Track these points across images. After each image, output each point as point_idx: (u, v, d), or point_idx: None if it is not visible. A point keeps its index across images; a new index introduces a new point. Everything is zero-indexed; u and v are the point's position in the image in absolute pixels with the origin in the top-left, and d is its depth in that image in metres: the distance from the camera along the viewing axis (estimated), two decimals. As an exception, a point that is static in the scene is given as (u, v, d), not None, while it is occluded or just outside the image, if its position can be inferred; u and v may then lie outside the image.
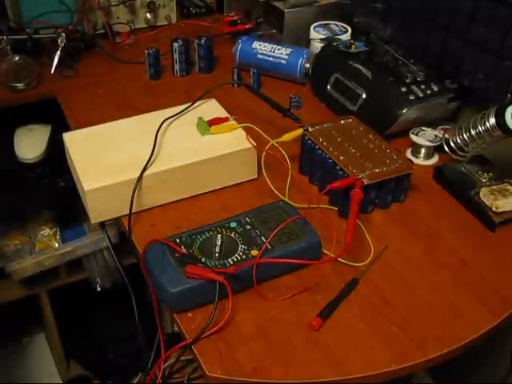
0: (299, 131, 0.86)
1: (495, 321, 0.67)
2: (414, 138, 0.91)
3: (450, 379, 1.19)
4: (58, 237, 1.30)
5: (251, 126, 0.85)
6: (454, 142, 0.88)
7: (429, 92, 0.94)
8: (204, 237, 0.71)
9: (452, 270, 0.74)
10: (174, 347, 0.65)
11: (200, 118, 0.87)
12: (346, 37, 1.13)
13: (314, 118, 0.92)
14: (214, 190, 0.85)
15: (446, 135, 0.90)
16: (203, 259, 0.68)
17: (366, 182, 0.78)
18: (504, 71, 0.88)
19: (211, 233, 0.71)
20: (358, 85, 0.98)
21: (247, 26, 1.24)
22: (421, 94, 0.94)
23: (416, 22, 1.04)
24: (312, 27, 1.15)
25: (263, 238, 0.71)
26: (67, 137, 0.87)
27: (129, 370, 1.46)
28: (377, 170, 0.80)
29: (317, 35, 1.13)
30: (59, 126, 1.03)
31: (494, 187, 0.83)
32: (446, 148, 0.89)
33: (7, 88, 1.09)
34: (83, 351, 1.50)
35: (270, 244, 0.70)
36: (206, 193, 0.85)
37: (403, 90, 0.94)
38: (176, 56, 1.14)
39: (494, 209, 0.80)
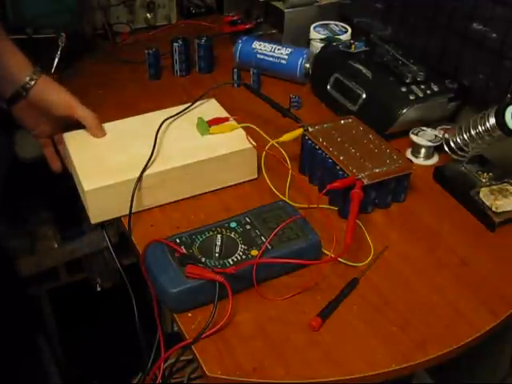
0: (299, 131, 0.86)
1: (495, 321, 0.67)
2: (413, 138, 0.91)
3: (450, 379, 1.19)
4: (57, 237, 1.30)
5: (251, 126, 0.85)
6: (454, 142, 0.88)
7: (429, 92, 0.94)
8: (204, 237, 0.71)
9: (452, 269, 0.74)
10: (173, 347, 0.65)
11: (200, 118, 0.87)
12: (346, 37, 1.12)
13: (314, 118, 0.93)
14: (214, 190, 0.85)
15: (446, 135, 0.90)
16: (203, 259, 0.68)
17: (365, 182, 0.78)
18: (504, 71, 0.88)
19: (211, 233, 0.71)
20: (358, 85, 0.98)
21: (247, 26, 1.24)
22: (421, 94, 0.94)
23: (416, 21, 1.04)
24: (312, 27, 1.15)
25: (263, 238, 0.71)
26: (67, 137, 0.87)
27: (129, 369, 1.45)
28: (377, 170, 0.80)
29: (317, 35, 1.12)
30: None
31: (494, 187, 0.83)
32: (446, 148, 0.89)
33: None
34: (83, 351, 1.50)
35: (269, 244, 0.70)
36: (206, 193, 0.85)
37: (403, 89, 0.94)
38: (176, 56, 1.13)
39: (493, 209, 0.80)
